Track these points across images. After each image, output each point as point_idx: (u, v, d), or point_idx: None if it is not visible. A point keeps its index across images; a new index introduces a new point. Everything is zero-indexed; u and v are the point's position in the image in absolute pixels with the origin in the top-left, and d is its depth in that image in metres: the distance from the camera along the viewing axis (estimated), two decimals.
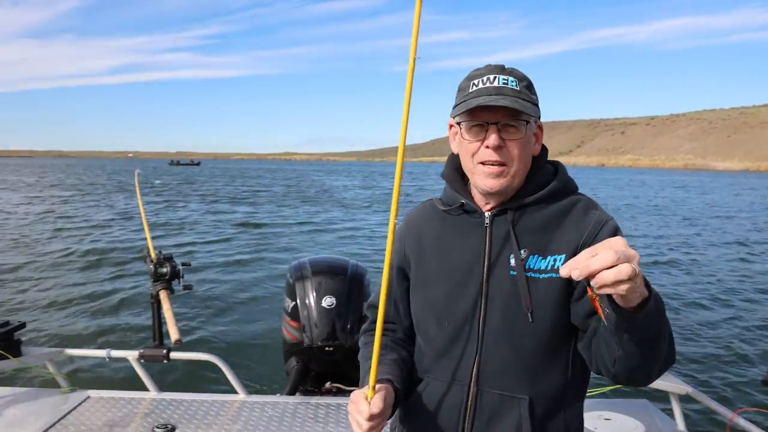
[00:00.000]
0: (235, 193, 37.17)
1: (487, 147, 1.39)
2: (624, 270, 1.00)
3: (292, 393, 3.45)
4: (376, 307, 1.47)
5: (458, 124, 1.46)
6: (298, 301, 3.52)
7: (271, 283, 10.02)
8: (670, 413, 3.00)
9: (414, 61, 1.24)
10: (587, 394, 1.50)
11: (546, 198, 1.45)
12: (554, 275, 1.37)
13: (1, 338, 2.97)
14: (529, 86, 1.44)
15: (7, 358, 3.01)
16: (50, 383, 3.31)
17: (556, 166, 1.54)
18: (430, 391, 1.50)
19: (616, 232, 1.38)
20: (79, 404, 3.00)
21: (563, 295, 1.38)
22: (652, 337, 1.17)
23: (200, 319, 7.61)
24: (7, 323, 3.04)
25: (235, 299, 9.00)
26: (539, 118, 1.47)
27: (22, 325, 3.13)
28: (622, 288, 1.02)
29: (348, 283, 3.56)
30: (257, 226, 19.46)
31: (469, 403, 1.43)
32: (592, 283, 1.04)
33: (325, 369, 3.57)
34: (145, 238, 3.43)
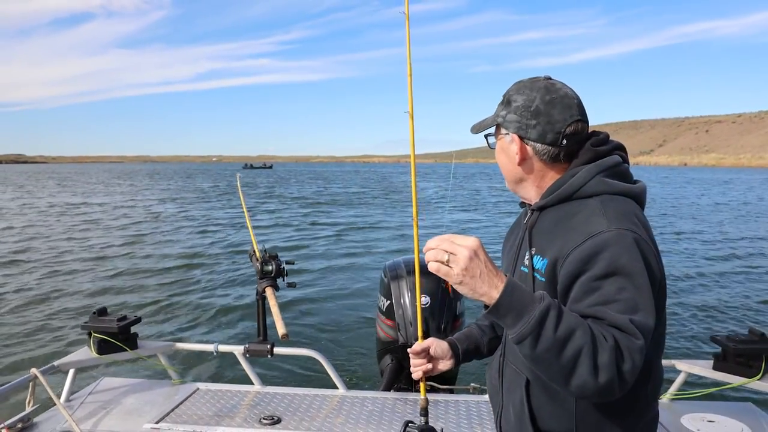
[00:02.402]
0: (328, 195, 38.30)
1: None
2: (431, 255, 1.30)
3: (386, 390, 3.49)
4: None
5: None
6: (393, 300, 3.55)
7: (365, 282, 10.20)
8: None
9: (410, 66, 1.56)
10: (687, 396, 1.48)
11: (556, 201, 1.53)
12: (539, 277, 1.48)
13: (120, 331, 3.16)
14: (507, 102, 1.57)
15: (125, 350, 3.20)
16: (162, 375, 3.49)
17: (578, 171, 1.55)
18: (494, 355, 1.81)
19: (600, 248, 1.33)
20: (190, 395, 3.14)
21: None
22: (517, 341, 1.26)
23: (294, 316, 7.85)
24: (125, 317, 3.23)
25: (328, 297, 9.22)
26: (508, 130, 1.58)
27: (138, 320, 3.32)
28: (431, 267, 1.30)
29: (442, 283, 3.58)
30: (348, 225, 19.87)
31: (501, 370, 1.69)
32: None
33: None
34: (250, 237, 3.56)
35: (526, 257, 1.55)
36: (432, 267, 1.30)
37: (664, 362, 3.23)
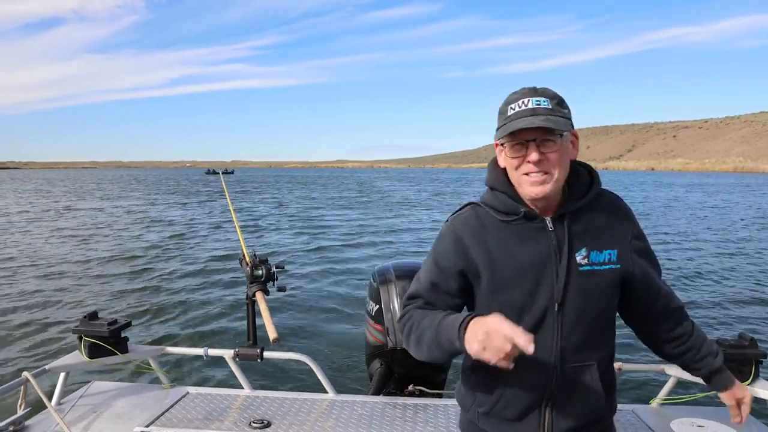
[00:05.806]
0: (315, 199, 38.32)
1: (529, 161, 1.62)
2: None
3: (376, 394, 3.50)
4: (417, 298, 1.80)
5: (501, 144, 1.70)
6: (382, 304, 3.57)
7: (354, 286, 10.23)
8: (765, 421, 2.89)
9: None
10: (677, 401, 2.12)
11: (593, 200, 1.74)
12: (612, 266, 1.71)
13: (111, 335, 3.14)
14: (560, 102, 1.66)
15: (115, 354, 3.20)
16: (152, 378, 3.48)
17: (589, 169, 1.80)
18: (513, 374, 1.61)
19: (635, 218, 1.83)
20: (180, 399, 3.14)
21: (618, 282, 1.74)
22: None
23: (284, 320, 7.86)
24: (115, 321, 3.22)
25: (318, 301, 9.24)
26: (572, 128, 1.70)
27: (129, 324, 3.31)
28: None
29: None
30: (337, 229, 19.95)
31: (554, 379, 1.71)
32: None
33: (407, 372, 3.60)
34: (239, 241, 3.57)
35: (578, 257, 1.70)
36: None
37: (654, 367, 3.27)
